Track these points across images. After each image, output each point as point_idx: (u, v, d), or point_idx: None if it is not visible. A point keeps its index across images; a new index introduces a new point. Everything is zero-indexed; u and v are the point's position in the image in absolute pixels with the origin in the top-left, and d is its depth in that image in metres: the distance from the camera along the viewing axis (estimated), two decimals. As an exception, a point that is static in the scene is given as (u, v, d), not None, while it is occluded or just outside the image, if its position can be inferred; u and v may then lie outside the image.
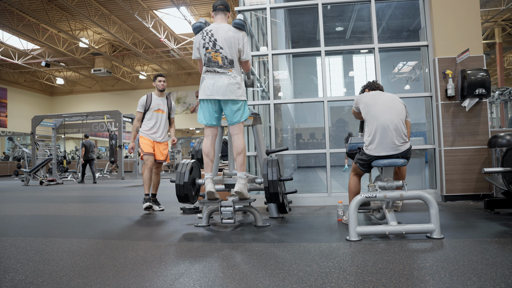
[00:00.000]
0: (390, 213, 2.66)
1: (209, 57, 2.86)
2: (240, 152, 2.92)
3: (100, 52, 16.67)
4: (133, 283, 1.79)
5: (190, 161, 3.18)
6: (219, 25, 2.90)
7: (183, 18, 13.09)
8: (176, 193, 3.06)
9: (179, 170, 3.08)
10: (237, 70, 2.90)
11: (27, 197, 6.22)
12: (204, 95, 2.88)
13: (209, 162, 2.98)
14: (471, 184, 4.10)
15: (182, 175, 3.04)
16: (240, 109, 2.90)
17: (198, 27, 2.92)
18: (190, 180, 3.07)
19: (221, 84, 2.83)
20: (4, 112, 21.03)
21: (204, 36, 2.88)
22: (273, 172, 2.94)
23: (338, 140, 12.66)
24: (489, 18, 13.45)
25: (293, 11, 8.72)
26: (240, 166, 2.93)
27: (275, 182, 2.92)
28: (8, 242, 2.75)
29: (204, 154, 3.00)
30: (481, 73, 3.94)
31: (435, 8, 4.24)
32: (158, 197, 4.70)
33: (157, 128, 4.25)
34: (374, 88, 3.19)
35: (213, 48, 2.85)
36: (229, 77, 2.85)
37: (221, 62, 2.84)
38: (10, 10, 12.67)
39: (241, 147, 2.93)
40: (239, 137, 2.94)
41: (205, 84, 2.89)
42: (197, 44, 2.95)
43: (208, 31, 2.88)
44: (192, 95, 23.42)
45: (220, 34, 2.85)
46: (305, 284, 1.72)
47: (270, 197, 2.97)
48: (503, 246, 2.24)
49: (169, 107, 4.37)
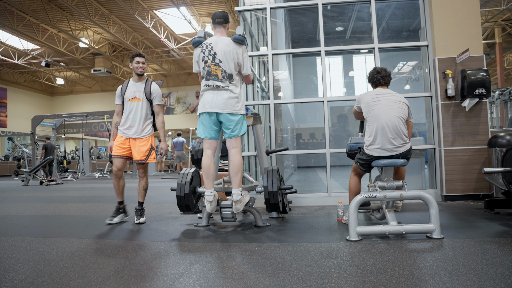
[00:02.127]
0: (390, 213, 2.66)
1: (208, 70, 2.84)
2: (237, 172, 2.85)
3: (100, 52, 16.67)
4: (133, 283, 1.79)
5: (190, 171, 3.21)
6: (218, 38, 2.89)
7: (183, 18, 13.09)
8: (178, 203, 3.15)
9: (179, 181, 3.13)
10: (236, 84, 2.87)
11: (27, 197, 6.22)
12: (203, 109, 2.86)
13: (209, 179, 2.89)
14: (471, 184, 4.10)
15: (183, 186, 3.09)
16: (238, 123, 2.87)
17: (197, 42, 2.91)
18: (191, 190, 3.14)
19: (220, 98, 2.81)
20: (4, 112, 21.02)
21: (203, 50, 2.87)
22: (273, 183, 2.97)
23: (338, 140, 12.64)
24: (489, 18, 13.45)
25: (293, 11, 8.72)
26: (236, 185, 2.87)
27: (275, 193, 2.97)
28: (8, 242, 2.75)
29: (203, 171, 2.90)
30: (481, 73, 3.94)
31: (435, 8, 4.23)
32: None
33: (130, 121, 3.40)
34: (377, 82, 3.03)
35: (213, 62, 2.83)
36: (228, 91, 2.82)
37: (220, 76, 2.82)
38: (10, 10, 12.66)
39: (238, 166, 2.86)
40: (236, 151, 2.89)
41: (204, 98, 2.88)
42: (196, 58, 2.94)
43: (208, 44, 2.87)
44: (192, 95, 23.42)
45: (219, 47, 2.83)
46: (305, 284, 1.72)
47: (271, 207, 3.08)
48: (503, 246, 2.24)
49: (147, 92, 3.42)
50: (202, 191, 3.12)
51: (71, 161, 16.96)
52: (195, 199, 3.24)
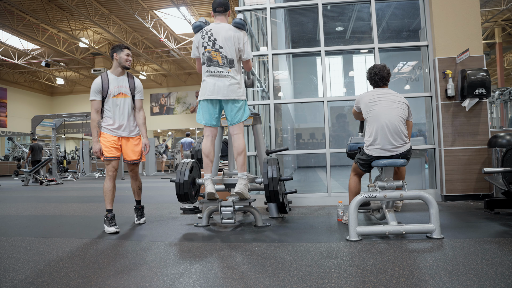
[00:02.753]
0: (390, 213, 2.66)
1: (208, 56, 2.86)
2: (240, 152, 2.92)
3: (100, 52, 16.67)
4: (133, 283, 1.79)
5: (190, 161, 3.19)
6: (219, 25, 2.91)
7: (183, 18, 13.09)
8: (176, 191, 3.06)
9: (179, 169, 3.09)
10: (237, 70, 2.90)
11: (27, 197, 6.22)
12: (205, 95, 2.88)
13: (209, 163, 2.97)
14: (471, 184, 4.10)
15: (183, 174, 3.05)
16: (240, 109, 2.91)
17: (198, 26, 2.93)
18: (190, 179, 3.07)
19: (222, 84, 2.83)
20: (4, 112, 21.02)
21: (203, 35, 2.88)
22: (273, 170, 2.94)
23: (338, 140, 12.63)
24: (489, 18, 13.45)
25: (293, 11, 8.72)
26: (241, 166, 2.93)
27: (275, 180, 2.92)
28: (8, 242, 2.75)
29: (204, 155, 2.98)
30: (481, 73, 3.94)
31: (435, 8, 4.24)
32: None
33: (119, 119, 3.15)
34: (375, 84, 3.02)
35: (213, 47, 2.85)
36: (230, 77, 2.85)
37: (221, 62, 2.84)
38: (10, 10, 12.66)
39: (242, 147, 2.92)
40: (240, 137, 2.94)
41: (206, 84, 2.89)
42: (196, 43, 2.95)
43: (208, 30, 2.88)
44: (192, 95, 23.41)
45: (220, 33, 2.85)
46: (305, 284, 1.72)
47: (270, 196, 2.95)
48: (503, 246, 2.24)
49: (131, 87, 3.21)
50: (201, 182, 3.14)
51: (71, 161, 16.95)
52: (194, 191, 3.21)
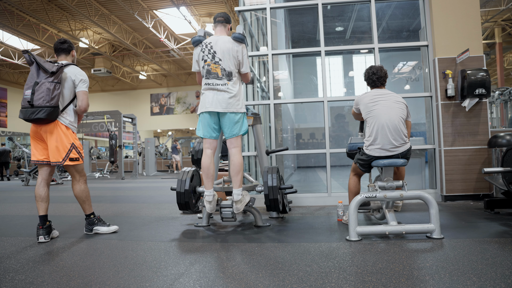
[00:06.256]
0: (390, 213, 2.66)
1: (208, 69, 2.84)
2: (238, 171, 2.84)
3: (100, 52, 16.67)
4: (133, 283, 1.79)
5: (191, 169, 3.21)
6: (218, 37, 2.88)
7: (183, 18, 13.09)
8: (177, 201, 3.13)
9: (180, 178, 3.13)
10: (235, 82, 2.87)
11: (27, 197, 6.22)
12: (204, 108, 2.85)
13: (209, 179, 2.87)
14: (471, 184, 4.10)
15: (183, 183, 3.09)
16: (239, 122, 2.86)
17: (197, 41, 2.91)
18: (191, 188, 3.12)
19: (221, 97, 2.80)
20: (4, 112, 21.02)
21: (203, 49, 2.86)
22: (273, 178, 2.97)
23: (338, 140, 12.64)
24: (489, 18, 13.45)
25: (293, 11, 8.72)
26: (237, 185, 2.86)
27: (275, 189, 2.95)
28: (8, 242, 2.75)
29: (203, 171, 2.88)
30: (481, 73, 3.94)
31: (435, 8, 4.23)
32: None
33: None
34: (373, 84, 3.03)
35: (212, 60, 2.83)
36: (228, 90, 2.81)
37: (220, 74, 2.82)
38: (10, 10, 12.66)
39: (238, 166, 2.85)
40: (237, 151, 2.87)
41: (204, 97, 2.87)
42: (196, 57, 2.93)
43: (208, 43, 2.86)
44: (192, 95, 23.42)
45: (219, 46, 2.83)
46: (305, 284, 1.72)
47: (270, 205, 3.02)
48: (503, 246, 2.24)
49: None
50: (201, 191, 3.11)
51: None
52: (195, 199, 3.24)
